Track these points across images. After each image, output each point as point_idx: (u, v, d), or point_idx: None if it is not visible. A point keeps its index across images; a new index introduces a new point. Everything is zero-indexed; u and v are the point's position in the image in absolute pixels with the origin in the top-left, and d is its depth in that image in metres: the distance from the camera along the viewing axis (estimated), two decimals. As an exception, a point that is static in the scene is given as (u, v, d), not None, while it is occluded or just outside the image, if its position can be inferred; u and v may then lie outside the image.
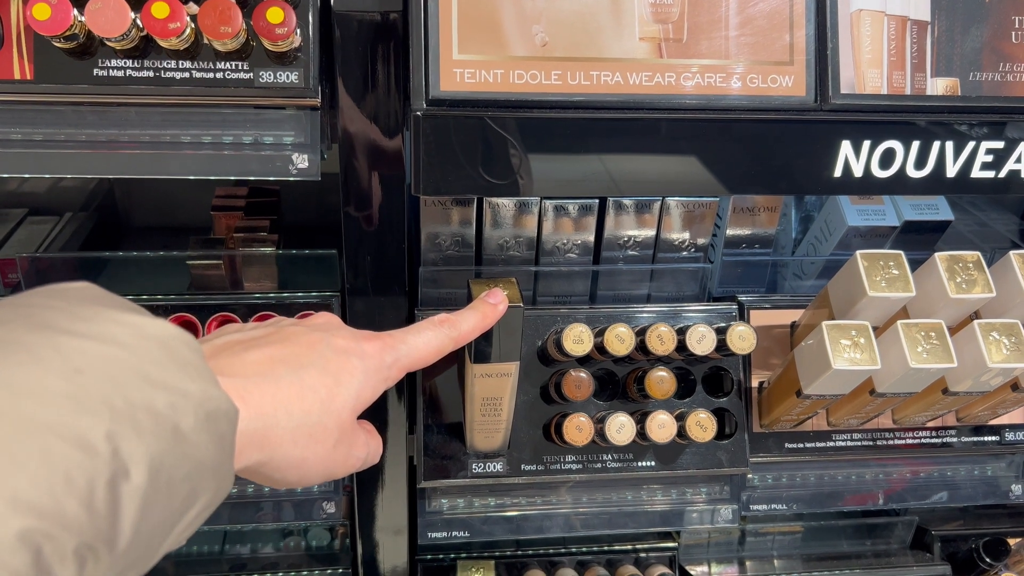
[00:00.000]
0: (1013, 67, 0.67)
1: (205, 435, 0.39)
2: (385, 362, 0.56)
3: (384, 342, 0.56)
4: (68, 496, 0.32)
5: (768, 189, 0.67)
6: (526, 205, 0.78)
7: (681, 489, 0.83)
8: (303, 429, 0.48)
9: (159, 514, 0.37)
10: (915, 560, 1.00)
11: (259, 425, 0.46)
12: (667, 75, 0.63)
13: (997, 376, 0.72)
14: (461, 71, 0.60)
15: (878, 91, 0.65)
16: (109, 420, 0.34)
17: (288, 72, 0.60)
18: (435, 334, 0.60)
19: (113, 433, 0.34)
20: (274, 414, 0.47)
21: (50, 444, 0.32)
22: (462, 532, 0.81)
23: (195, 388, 0.39)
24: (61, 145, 0.60)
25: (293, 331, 0.53)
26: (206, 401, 0.39)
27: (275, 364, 0.49)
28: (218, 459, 0.40)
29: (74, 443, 0.33)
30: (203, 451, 0.39)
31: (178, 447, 0.37)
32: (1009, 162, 0.68)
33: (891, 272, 0.70)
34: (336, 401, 0.51)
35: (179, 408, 0.37)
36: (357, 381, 0.53)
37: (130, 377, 0.36)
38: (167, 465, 0.36)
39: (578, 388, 0.75)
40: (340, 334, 0.55)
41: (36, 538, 0.30)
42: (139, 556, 0.36)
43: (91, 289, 0.41)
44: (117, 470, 0.34)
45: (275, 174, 0.62)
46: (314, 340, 0.52)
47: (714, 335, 0.74)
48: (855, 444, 0.83)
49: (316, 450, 0.50)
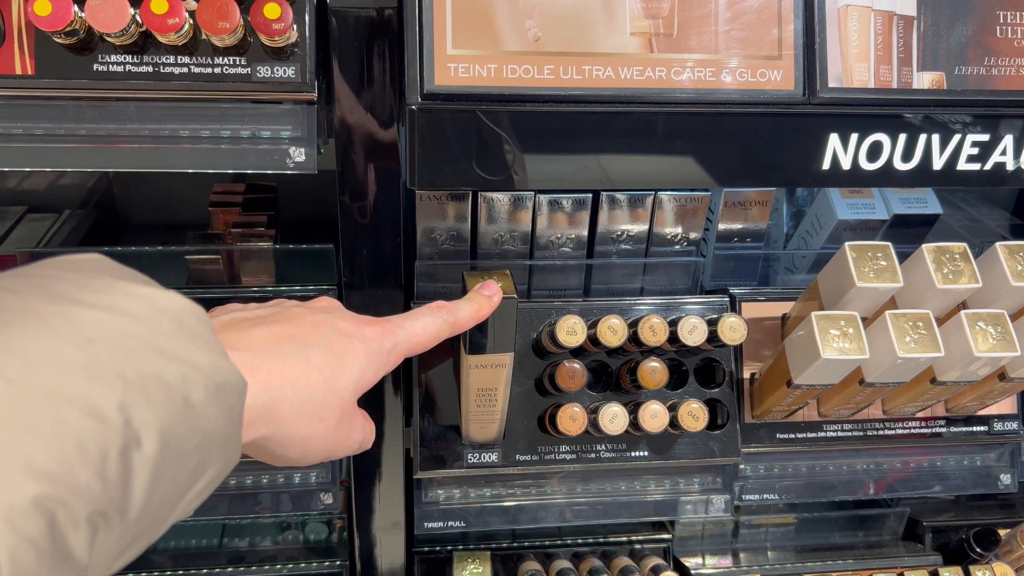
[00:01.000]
0: (998, 61, 0.68)
1: (214, 407, 0.39)
2: (385, 347, 0.57)
3: (384, 327, 0.57)
4: (81, 464, 0.32)
5: (758, 182, 0.68)
6: (521, 200, 0.79)
7: (674, 479, 0.84)
8: (307, 406, 0.49)
9: (169, 483, 0.37)
10: (907, 551, 1.01)
11: (266, 399, 0.46)
12: (658, 69, 0.64)
13: (984, 366, 0.74)
14: (455, 66, 0.61)
15: (865, 85, 0.66)
16: (122, 390, 0.35)
17: (285, 67, 0.61)
18: (433, 319, 0.61)
19: (125, 403, 0.34)
20: (281, 389, 0.47)
21: (64, 413, 0.32)
22: (458, 522, 0.82)
23: (205, 360, 0.39)
24: (62, 139, 0.61)
25: (297, 312, 0.54)
26: (216, 374, 0.40)
27: (282, 341, 0.49)
28: (227, 431, 0.41)
29: (87, 412, 0.33)
30: (212, 423, 0.39)
31: (188, 418, 0.38)
32: (994, 155, 0.69)
33: (879, 263, 0.71)
34: (340, 381, 0.52)
35: (189, 380, 0.38)
36: (360, 363, 0.54)
37: (142, 348, 0.37)
38: (177, 435, 0.37)
39: (572, 379, 0.76)
40: (343, 317, 0.56)
41: (50, 504, 0.31)
42: (149, 524, 0.37)
43: (102, 260, 0.41)
44: (129, 439, 0.34)
45: (272, 167, 0.63)
46: (318, 321, 0.53)
47: (705, 326, 0.75)
48: (846, 434, 0.84)
49: (319, 428, 0.51)
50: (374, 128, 0.66)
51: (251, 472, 0.81)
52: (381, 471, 0.84)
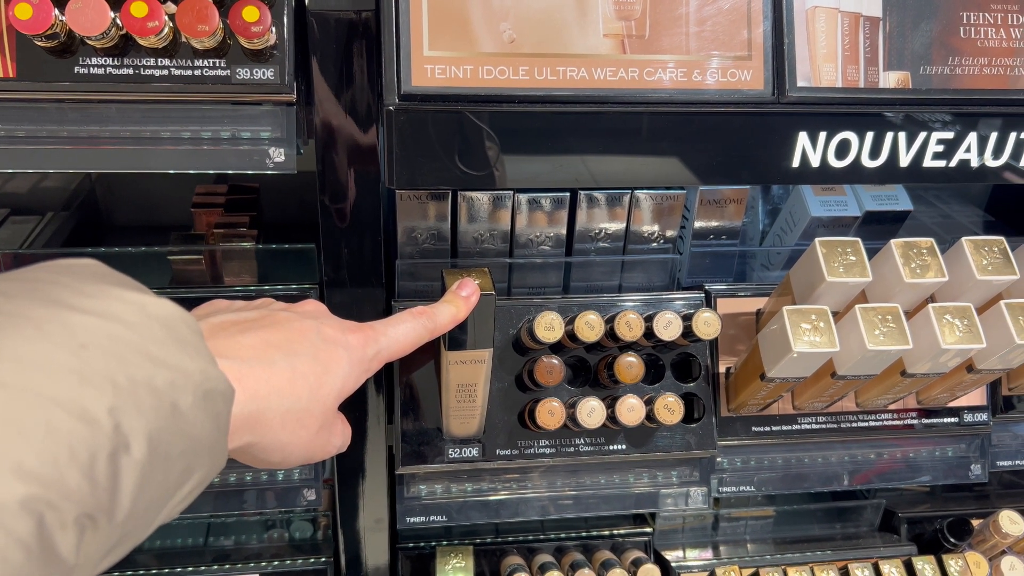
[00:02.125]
0: (962, 61, 0.70)
1: (202, 413, 0.40)
2: (367, 354, 0.58)
3: (367, 335, 0.59)
4: (71, 467, 0.33)
5: (729, 180, 0.70)
6: (500, 199, 0.81)
7: (653, 472, 0.85)
8: (292, 414, 0.50)
9: (156, 487, 0.38)
10: (882, 542, 1.03)
11: (253, 408, 0.47)
12: (630, 70, 0.65)
13: (953, 358, 0.75)
14: (432, 67, 0.62)
15: (833, 84, 0.68)
16: (112, 396, 0.35)
17: (264, 69, 0.62)
18: (413, 325, 0.62)
19: (115, 408, 0.35)
20: (267, 398, 0.48)
21: (55, 417, 0.33)
22: (440, 517, 0.83)
23: (194, 367, 0.40)
24: (43, 141, 0.62)
25: (284, 316, 0.55)
26: (204, 381, 0.40)
27: (269, 348, 0.50)
28: (213, 437, 0.42)
29: (78, 417, 0.34)
30: (199, 428, 0.40)
31: (176, 424, 0.38)
32: (959, 152, 0.71)
33: (849, 258, 0.73)
34: (323, 389, 0.53)
35: (178, 386, 0.39)
36: (343, 371, 0.55)
37: (132, 354, 0.37)
38: (165, 441, 0.38)
39: (550, 373, 0.77)
40: (328, 323, 0.57)
41: (39, 506, 0.32)
42: (135, 527, 0.38)
43: (96, 266, 0.42)
44: (118, 444, 0.35)
45: (252, 168, 0.64)
46: (305, 328, 0.54)
47: (680, 321, 0.76)
48: (820, 427, 0.86)
49: (301, 435, 0.52)
50: (353, 129, 0.67)
51: (235, 470, 0.82)
52: (364, 469, 0.85)
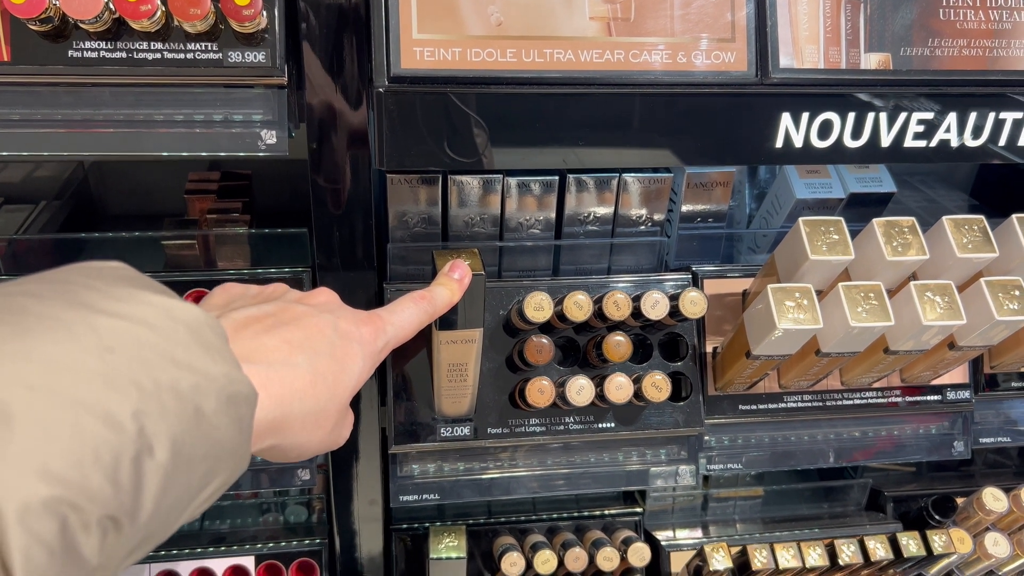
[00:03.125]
0: (941, 42, 0.71)
1: (225, 417, 0.41)
2: (378, 347, 0.59)
3: (376, 326, 0.59)
4: (95, 470, 0.34)
5: (714, 160, 0.71)
6: (490, 183, 0.82)
7: (642, 451, 0.87)
8: (312, 416, 0.51)
9: (178, 490, 0.39)
10: (869, 520, 1.05)
11: (277, 414, 0.48)
12: (616, 52, 0.66)
13: (935, 335, 0.77)
14: (421, 50, 0.63)
15: (815, 66, 0.69)
16: (137, 399, 0.36)
17: (255, 52, 0.63)
18: (415, 311, 0.64)
19: (140, 412, 0.36)
20: (290, 402, 0.49)
21: (81, 420, 0.34)
22: (433, 495, 0.84)
23: (218, 371, 0.41)
24: (38, 124, 0.63)
25: (302, 311, 0.55)
26: (228, 384, 0.41)
27: (292, 350, 0.51)
28: (236, 441, 0.42)
29: (104, 420, 0.35)
30: (223, 432, 0.41)
31: (199, 428, 0.39)
32: (939, 132, 0.72)
33: (832, 237, 0.74)
34: (340, 387, 0.54)
35: (202, 390, 0.39)
36: (358, 367, 0.56)
37: (158, 358, 0.38)
38: (188, 444, 0.38)
39: (539, 353, 0.79)
40: (343, 316, 0.57)
41: (62, 508, 0.32)
42: (157, 528, 0.39)
43: (125, 269, 0.43)
44: (142, 447, 0.36)
45: (245, 150, 0.65)
46: (323, 324, 0.54)
47: (667, 301, 0.78)
48: (806, 405, 0.87)
49: (318, 434, 0.53)
50: (344, 111, 0.68)
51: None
52: (358, 450, 0.86)
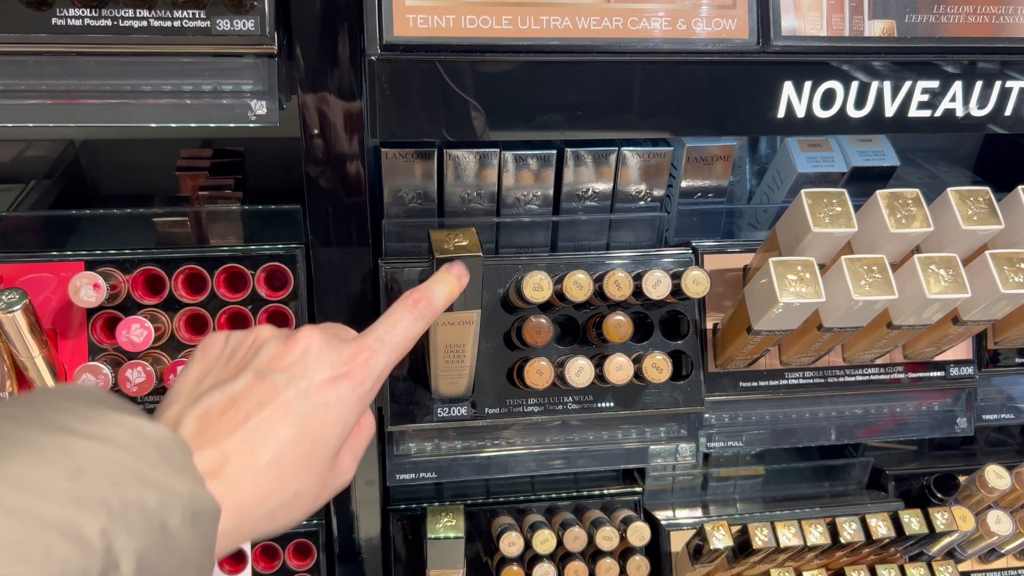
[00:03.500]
0: (947, 9, 0.70)
1: (191, 532, 0.42)
2: (365, 389, 0.54)
3: (361, 361, 0.54)
4: None
5: (714, 130, 0.69)
6: (486, 158, 0.80)
7: (641, 429, 0.86)
8: (282, 509, 0.50)
9: None
10: (870, 498, 1.04)
11: (237, 523, 0.48)
12: (614, 19, 0.65)
13: (939, 309, 0.76)
14: (414, 16, 0.62)
15: (818, 33, 0.68)
16: (105, 518, 0.38)
17: (244, 20, 0.61)
18: (410, 322, 0.58)
19: (107, 530, 0.38)
20: (252, 508, 0.48)
21: (51, 540, 0.36)
22: (430, 473, 0.83)
23: (184, 488, 0.43)
24: (23, 95, 0.62)
25: (268, 390, 0.51)
26: (193, 501, 0.43)
27: (255, 449, 0.49)
28: (201, 555, 0.44)
29: (72, 539, 0.36)
30: (187, 546, 0.42)
31: (165, 542, 0.41)
32: (944, 101, 0.71)
33: (834, 209, 0.73)
34: (315, 462, 0.51)
35: (168, 506, 0.41)
36: (336, 431, 0.52)
37: (127, 476, 0.40)
38: (153, 560, 0.40)
39: (538, 333, 0.77)
40: (319, 371, 0.52)
41: None
42: None
43: (97, 391, 0.46)
44: (108, 564, 0.37)
45: (235, 120, 0.63)
46: (291, 400, 0.51)
47: (669, 280, 0.76)
48: (807, 382, 0.86)
49: (295, 514, 0.51)
50: (336, 82, 0.67)
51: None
52: (354, 430, 0.85)
